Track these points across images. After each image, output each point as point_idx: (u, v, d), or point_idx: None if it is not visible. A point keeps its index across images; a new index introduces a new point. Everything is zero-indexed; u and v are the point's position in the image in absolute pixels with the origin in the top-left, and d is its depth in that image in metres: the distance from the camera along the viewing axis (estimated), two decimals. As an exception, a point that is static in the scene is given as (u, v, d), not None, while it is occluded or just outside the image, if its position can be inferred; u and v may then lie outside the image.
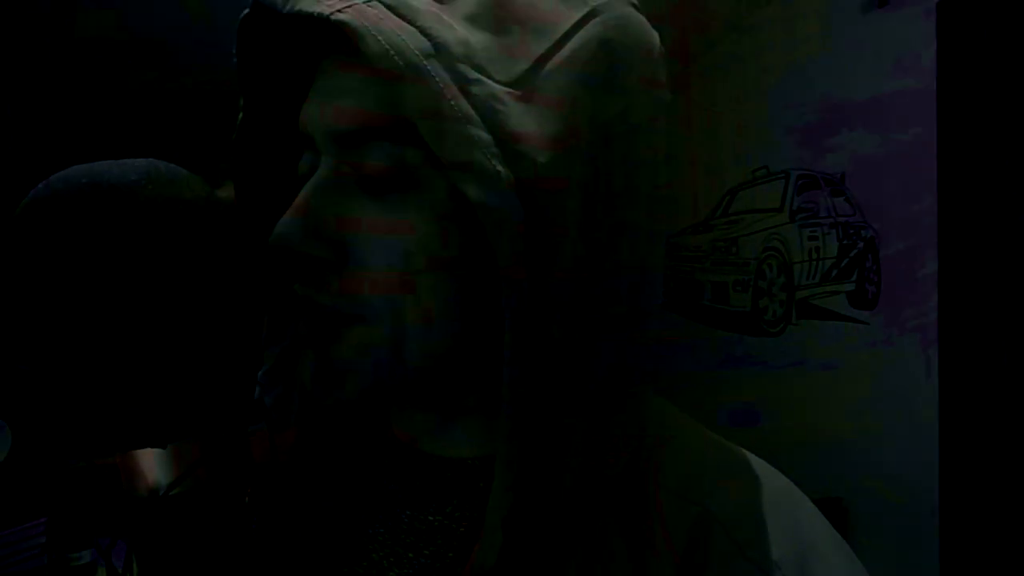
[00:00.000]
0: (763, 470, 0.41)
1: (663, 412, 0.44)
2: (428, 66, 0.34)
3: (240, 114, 0.45)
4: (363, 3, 0.35)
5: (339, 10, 0.34)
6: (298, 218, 0.37)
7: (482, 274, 0.37)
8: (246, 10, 0.41)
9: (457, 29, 0.35)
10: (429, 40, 0.34)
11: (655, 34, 0.41)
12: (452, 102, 0.33)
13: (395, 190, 0.37)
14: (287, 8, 0.36)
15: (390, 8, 0.35)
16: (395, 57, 0.33)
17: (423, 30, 0.34)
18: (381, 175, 0.37)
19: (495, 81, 0.35)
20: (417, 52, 0.34)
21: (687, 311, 2.80)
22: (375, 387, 0.39)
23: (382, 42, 0.33)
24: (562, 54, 0.36)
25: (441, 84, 0.33)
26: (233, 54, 0.42)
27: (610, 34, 0.37)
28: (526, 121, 0.35)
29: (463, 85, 0.34)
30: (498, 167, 0.34)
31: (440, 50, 0.34)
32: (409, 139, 0.36)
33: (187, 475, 0.67)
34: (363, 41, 0.33)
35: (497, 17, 0.36)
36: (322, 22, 0.34)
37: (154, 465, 0.68)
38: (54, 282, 0.41)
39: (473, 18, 0.36)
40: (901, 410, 1.95)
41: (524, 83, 0.35)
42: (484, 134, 0.34)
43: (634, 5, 0.41)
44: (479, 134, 0.34)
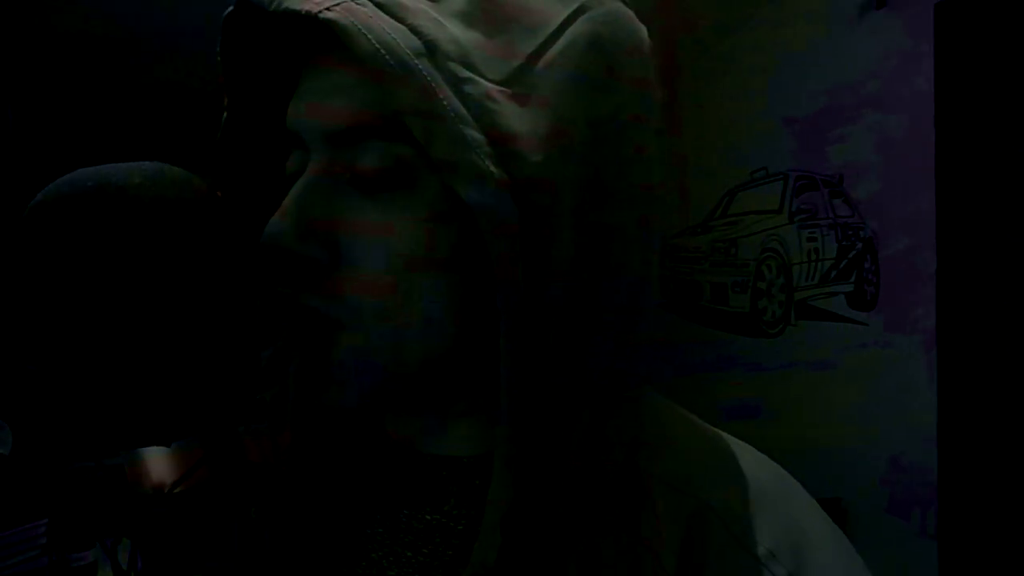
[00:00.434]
0: (759, 461, 0.41)
1: (659, 407, 0.44)
2: (419, 65, 0.33)
3: (224, 113, 0.44)
4: (352, 1, 0.34)
5: (327, 8, 0.33)
6: (289, 218, 0.36)
7: (476, 274, 0.36)
8: (230, 8, 0.39)
9: (448, 27, 0.35)
10: (420, 39, 0.34)
11: (644, 29, 0.41)
12: (444, 101, 0.33)
13: (387, 189, 0.36)
14: (274, 6, 0.35)
15: (379, 6, 0.34)
16: (386, 56, 0.32)
17: (414, 28, 0.34)
18: (373, 174, 0.36)
19: (487, 80, 0.34)
20: (408, 51, 0.33)
21: (686, 312, 2.81)
22: (371, 392, 0.38)
23: (372, 41, 0.33)
24: (553, 51, 0.35)
25: (433, 83, 0.33)
26: (217, 52, 0.41)
27: (600, 30, 0.37)
28: (519, 120, 0.34)
29: (455, 84, 0.33)
30: (491, 167, 0.33)
31: (431, 49, 0.34)
32: (401, 138, 0.35)
33: (190, 473, 0.68)
34: (353, 40, 0.33)
35: (487, 15, 0.36)
36: (310, 20, 0.34)
37: (158, 464, 0.69)
38: (63, 284, 0.41)
39: (463, 16, 0.35)
40: (899, 411, 1.95)
41: (516, 82, 0.35)
42: (477, 134, 0.33)
43: (623, 0, 0.40)
44: (472, 134, 0.33)
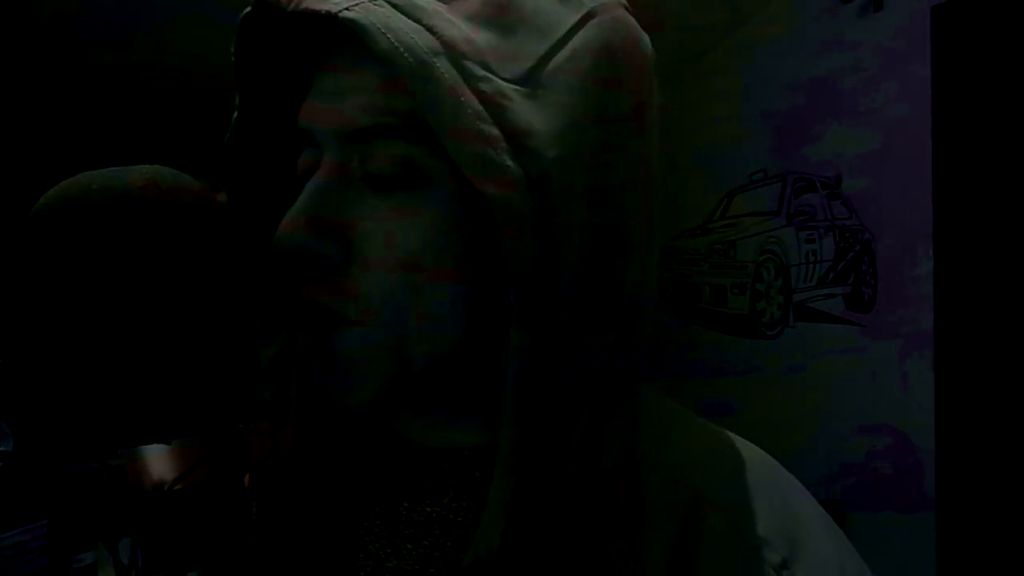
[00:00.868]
0: (752, 452, 0.42)
1: (656, 402, 0.45)
2: (437, 63, 0.33)
3: (235, 112, 0.44)
4: (370, 2, 0.34)
5: (347, 8, 0.34)
6: (303, 216, 0.36)
7: (484, 273, 0.37)
8: (247, 8, 0.40)
9: (462, 28, 0.35)
10: (437, 38, 0.34)
11: (646, 36, 0.42)
12: (462, 98, 0.33)
13: (400, 188, 0.36)
14: (292, 6, 0.36)
15: (396, 7, 0.35)
16: (405, 55, 0.33)
17: (431, 28, 0.34)
18: (388, 172, 0.36)
19: (501, 79, 0.35)
20: (426, 50, 0.33)
21: (685, 314, 2.81)
22: (380, 387, 0.38)
23: (391, 40, 0.33)
24: (563, 53, 0.36)
25: (451, 81, 0.33)
26: (231, 52, 0.42)
27: (607, 35, 0.38)
28: (533, 117, 0.35)
29: (472, 82, 0.34)
30: (508, 162, 0.34)
31: (448, 48, 0.34)
32: (416, 136, 0.35)
33: (191, 471, 0.68)
34: (372, 39, 0.33)
35: (499, 17, 0.36)
36: (329, 20, 0.34)
37: (158, 461, 0.69)
38: (68, 284, 0.42)
39: (476, 18, 0.36)
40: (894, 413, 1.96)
41: (529, 81, 0.35)
42: (494, 130, 0.34)
43: (626, 7, 0.41)
44: (490, 130, 0.34)
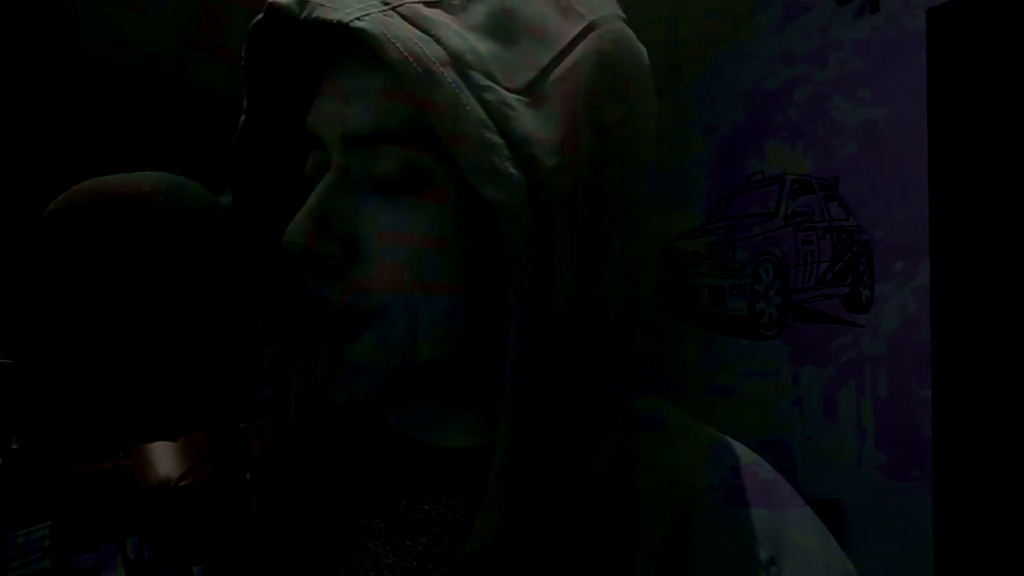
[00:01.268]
0: (742, 452, 0.43)
1: (649, 402, 0.47)
2: (444, 73, 0.35)
3: (243, 116, 0.45)
4: (379, 12, 0.36)
5: (357, 18, 0.35)
6: (311, 218, 0.38)
7: (486, 273, 0.39)
8: (259, 15, 0.41)
9: (468, 38, 0.37)
10: (444, 49, 0.36)
11: (643, 48, 0.43)
12: (468, 107, 0.35)
13: (405, 192, 0.38)
14: (304, 15, 0.37)
15: (405, 18, 0.36)
16: (413, 64, 0.34)
17: (438, 39, 0.36)
18: (393, 177, 0.38)
19: (504, 88, 0.36)
20: (433, 60, 0.35)
21: (685, 315, 2.82)
22: (382, 385, 0.40)
23: (401, 49, 0.35)
24: (564, 65, 0.38)
25: (457, 90, 0.35)
26: (241, 57, 0.43)
27: (607, 47, 0.39)
28: (535, 126, 0.36)
29: (477, 91, 0.35)
30: (511, 169, 0.35)
31: (454, 58, 0.36)
32: (422, 142, 0.37)
33: (196, 467, 0.69)
34: (382, 48, 0.35)
35: (503, 29, 0.38)
36: (340, 29, 0.36)
37: (165, 459, 0.70)
38: (78, 287, 0.44)
39: (481, 29, 0.38)
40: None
41: (531, 91, 0.37)
42: (497, 138, 0.35)
43: (624, 20, 0.43)
44: (493, 138, 0.35)
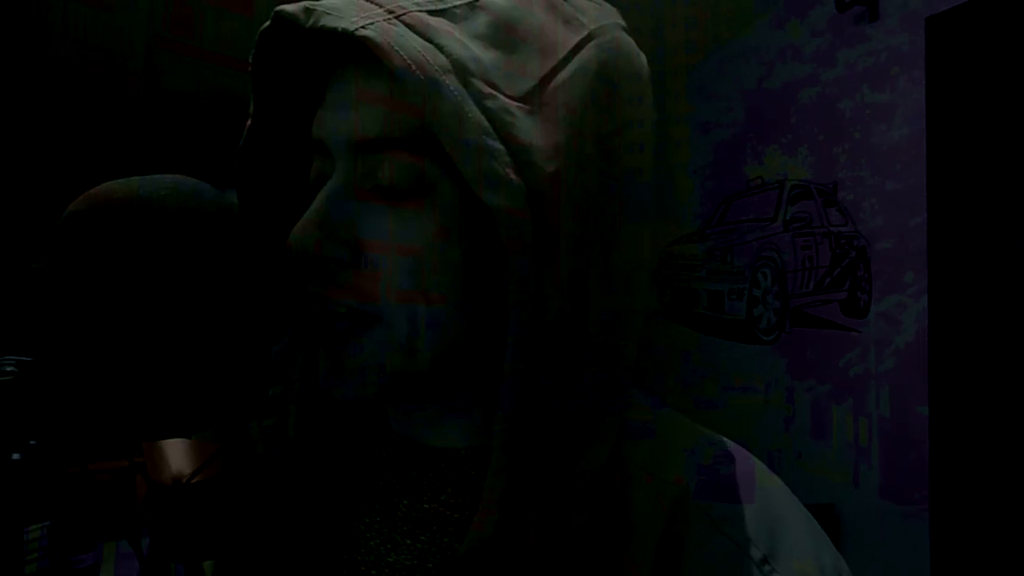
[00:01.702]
0: (737, 452, 0.44)
1: (643, 402, 0.48)
2: (447, 81, 0.36)
3: (249, 121, 0.46)
4: (383, 21, 0.37)
5: (363, 26, 0.36)
6: (315, 223, 0.39)
7: (485, 277, 0.39)
8: (267, 23, 0.42)
9: (470, 47, 0.38)
10: (447, 57, 0.37)
11: (643, 56, 0.44)
12: (470, 114, 0.36)
13: (408, 196, 0.39)
14: (310, 23, 0.38)
15: (409, 26, 0.37)
16: (417, 72, 0.35)
17: (441, 48, 0.37)
18: (396, 182, 0.39)
19: (505, 95, 0.37)
20: (437, 68, 0.36)
21: (683, 319, 2.83)
22: (384, 385, 0.40)
23: (404, 57, 0.35)
24: (564, 74, 0.39)
25: (460, 97, 0.36)
26: (249, 63, 0.44)
27: (606, 56, 0.40)
28: (534, 133, 0.37)
29: (478, 99, 0.36)
30: (512, 175, 0.36)
31: (457, 66, 0.36)
32: (424, 148, 0.38)
33: (207, 464, 0.70)
34: (387, 56, 0.35)
35: (504, 38, 0.39)
36: (345, 37, 0.36)
37: (178, 455, 0.71)
38: (99, 287, 0.45)
39: (483, 38, 0.38)
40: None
41: (531, 99, 0.38)
42: (498, 144, 0.36)
43: (624, 29, 0.44)
44: (494, 144, 0.36)
